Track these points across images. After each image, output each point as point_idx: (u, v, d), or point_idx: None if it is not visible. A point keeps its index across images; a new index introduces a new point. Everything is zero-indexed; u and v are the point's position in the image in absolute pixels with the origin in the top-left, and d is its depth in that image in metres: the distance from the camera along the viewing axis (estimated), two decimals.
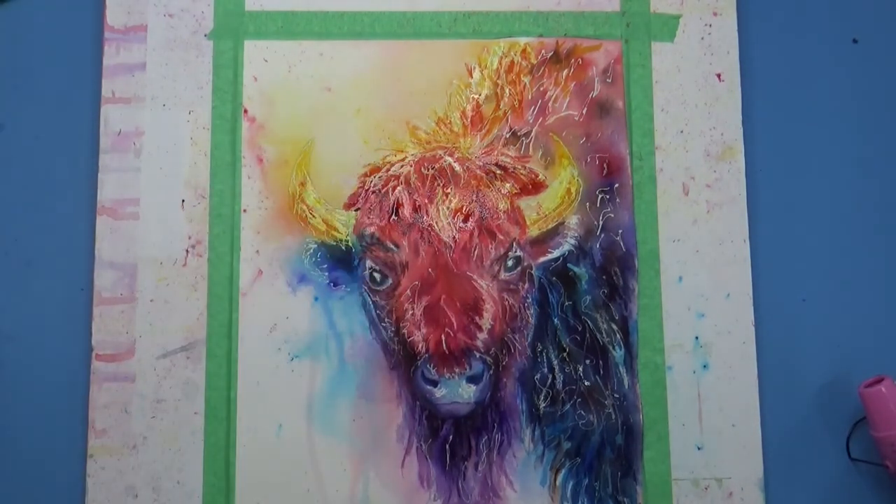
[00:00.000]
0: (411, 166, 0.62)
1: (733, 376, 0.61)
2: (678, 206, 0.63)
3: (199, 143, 0.62)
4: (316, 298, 0.61)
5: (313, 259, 0.61)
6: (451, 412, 0.60)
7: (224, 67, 0.63)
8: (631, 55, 0.64)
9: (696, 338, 0.62)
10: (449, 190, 0.62)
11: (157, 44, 0.63)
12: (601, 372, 0.61)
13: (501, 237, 0.61)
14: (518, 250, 0.61)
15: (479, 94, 0.63)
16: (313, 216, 0.61)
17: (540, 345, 0.61)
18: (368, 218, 0.61)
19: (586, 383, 0.61)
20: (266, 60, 0.63)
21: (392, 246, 0.61)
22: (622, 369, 0.61)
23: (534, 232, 0.62)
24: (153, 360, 0.59)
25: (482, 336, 0.60)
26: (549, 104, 0.63)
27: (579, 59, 0.64)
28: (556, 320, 0.61)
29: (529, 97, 0.63)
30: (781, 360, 0.62)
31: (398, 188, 0.62)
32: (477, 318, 0.60)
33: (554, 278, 0.62)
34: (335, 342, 0.60)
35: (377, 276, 0.61)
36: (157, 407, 0.59)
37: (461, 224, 0.61)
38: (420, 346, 0.60)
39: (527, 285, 0.61)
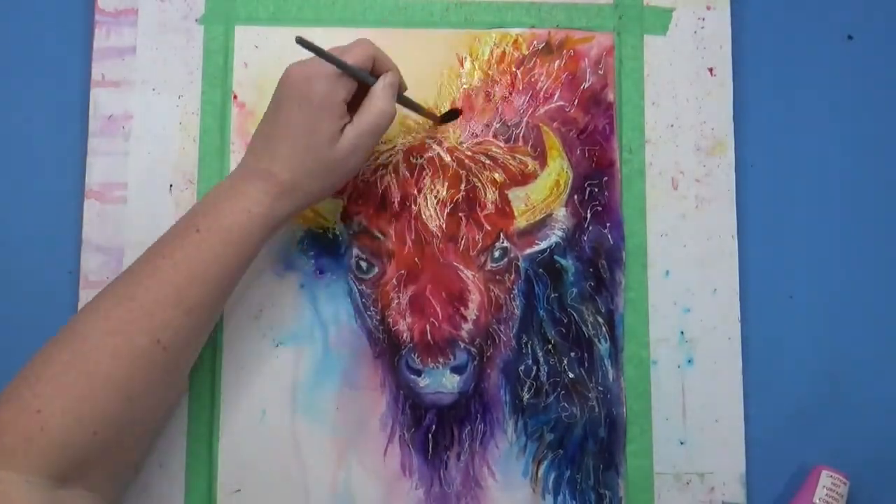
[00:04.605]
0: (400, 155, 0.62)
1: (718, 372, 0.61)
2: (667, 200, 0.63)
3: (188, 128, 0.62)
4: (302, 286, 0.61)
5: (300, 246, 0.61)
6: (435, 402, 0.60)
7: (214, 53, 0.63)
8: (623, 48, 0.64)
9: (682, 332, 0.62)
10: (437, 179, 0.61)
11: (147, 28, 0.63)
12: (586, 365, 0.61)
13: (489, 228, 0.61)
14: (505, 241, 0.61)
15: (470, 85, 0.63)
16: None
17: (525, 336, 0.61)
18: (356, 206, 0.61)
19: (570, 376, 0.61)
20: (257, 47, 0.63)
21: (379, 234, 0.61)
22: (607, 362, 0.61)
23: (521, 223, 0.62)
24: None
25: (467, 327, 0.60)
26: (540, 95, 0.63)
27: (571, 51, 0.64)
28: (541, 312, 0.61)
29: (520, 88, 0.63)
30: (766, 356, 0.62)
31: (386, 177, 0.61)
32: (462, 308, 0.60)
33: (540, 270, 0.62)
34: (320, 329, 0.60)
35: (363, 264, 0.61)
36: None
37: (449, 214, 0.61)
38: (405, 335, 0.60)
39: (513, 276, 0.61)
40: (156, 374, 0.50)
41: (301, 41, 0.51)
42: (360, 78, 0.54)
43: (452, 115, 0.62)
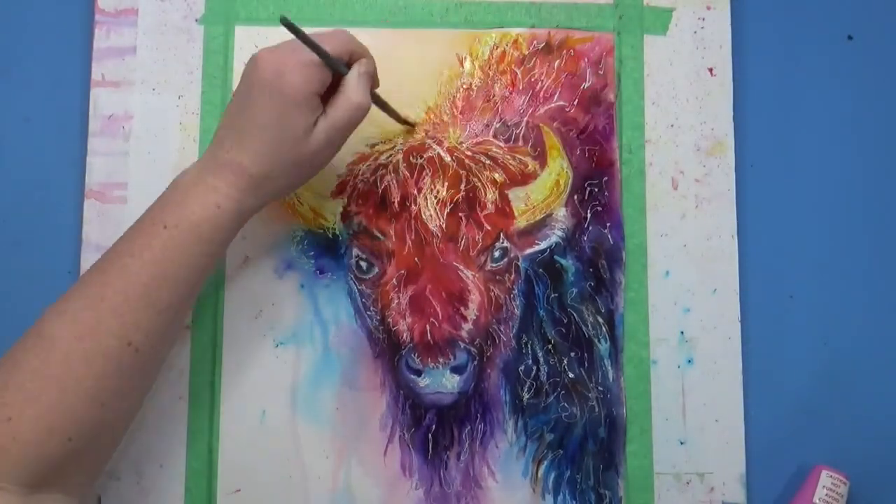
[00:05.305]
0: (400, 155, 0.62)
1: (718, 372, 0.61)
2: (667, 200, 0.63)
3: (188, 128, 0.62)
4: (302, 286, 0.61)
5: (300, 246, 0.61)
6: (435, 402, 0.60)
7: (214, 53, 0.63)
8: (623, 48, 0.64)
9: (682, 332, 0.62)
10: (437, 179, 0.61)
11: (147, 28, 0.63)
12: (586, 365, 0.61)
13: (489, 228, 0.61)
14: (505, 241, 0.61)
15: (470, 84, 0.63)
16: (301, 204, 0.61)
17: (525, 336, 0.61)
18: (356, 206, 0.61)
19: (570, 376, 0.61)
20: (257, 47, 0.63)
21: (379, 234, 0.61)
22: (607, 362, 0.61)
23: (521, 223, 0.62)
24: None
25: (467, 327, 0.60)
26: (540, 95, 0.63)
27: (571, 51, 0.64)
28: (541, 312, 0.61)
29: (520, 88, 0.63)
30: (766, 356, 0.62)
31: (386, 177, 0.61)
32: (462, 308, 0.60)
33: (540, 270, 0.62)
34: (320, 329, 0.60)
35: (363, 264, 0.61)
36: None
37: (449, 214, 0.61)
38: (405, 335, 0.60)
39: (513, 276, 0.61)
40: (128, 377, 0.49)
41: (285, 22, 0.49)
42: (335, 67, 0.52)
43: (410, 125, 0.62)
